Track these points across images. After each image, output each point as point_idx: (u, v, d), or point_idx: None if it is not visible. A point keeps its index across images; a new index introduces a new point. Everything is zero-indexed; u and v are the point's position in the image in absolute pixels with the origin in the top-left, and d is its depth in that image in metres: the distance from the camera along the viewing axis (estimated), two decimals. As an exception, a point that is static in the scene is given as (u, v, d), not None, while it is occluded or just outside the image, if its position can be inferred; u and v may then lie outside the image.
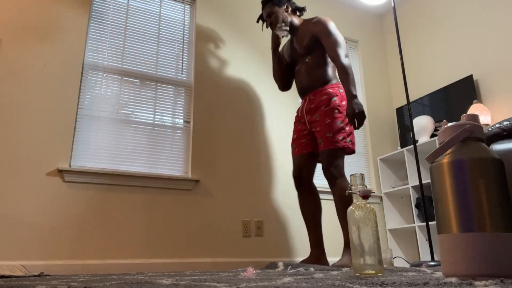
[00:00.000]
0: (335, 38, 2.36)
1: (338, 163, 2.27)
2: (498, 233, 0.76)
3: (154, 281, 0.84)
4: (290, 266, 1.49)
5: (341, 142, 2.28)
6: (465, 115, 0.89)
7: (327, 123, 2.31)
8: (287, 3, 2.62)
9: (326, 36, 2.38)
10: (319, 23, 2.45)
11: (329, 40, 2.36)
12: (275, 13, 2.57)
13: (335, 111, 2.32)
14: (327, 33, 2.39)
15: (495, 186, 0.79)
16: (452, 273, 0.78)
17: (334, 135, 2.28)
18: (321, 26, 2.43)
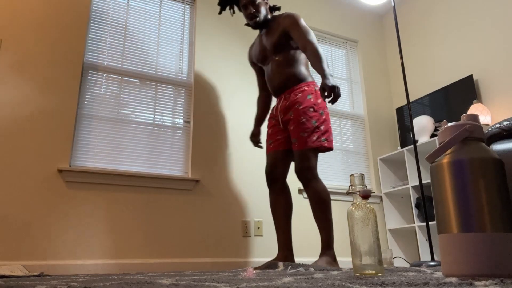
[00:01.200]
0: (305, 29, 2.31)
1: (311, 164, 2.20)
2: (498, 233, 0.76)
3: (154, 281, 0.84)
4: (290, 266, 1.49)
5: (315, 142, 2.21)
6: (465, 115, 0.89)
7: (301, 122, 2.24)
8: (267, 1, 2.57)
9: (296, 28, 2.33)
10: (288, 17, 2.39)
11: (299, 31, 2.31)
12: (259, 4, 2.48)
13: (310, 109, 2.25)
14: (296, 25, 2.34)
15: (495, 186, 0.79)
16: (452, 273, 0.78)
17: (309, 135, 2.21)
18: (290, 20, 2.37)
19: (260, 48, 2.54)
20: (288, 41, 2.41)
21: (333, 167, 3.56)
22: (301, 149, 2.21)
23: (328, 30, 3.93)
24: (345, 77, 3.96)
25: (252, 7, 2.48)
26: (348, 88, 3.94)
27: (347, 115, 3.81)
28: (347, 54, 4.06)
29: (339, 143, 3.67)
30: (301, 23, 2.35)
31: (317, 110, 2.27)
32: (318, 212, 2.18)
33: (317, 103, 2.28)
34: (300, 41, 2.29)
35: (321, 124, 2.25)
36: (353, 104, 3.90)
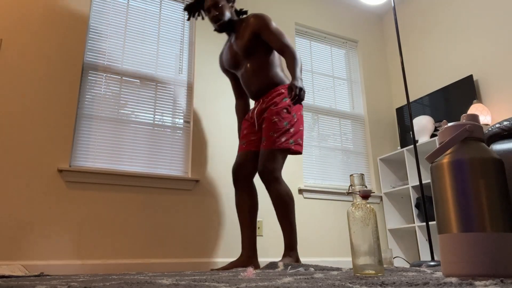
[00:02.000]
0: (278, 31, 2.26)
1: (275, 165, 2.15)
2: (498, 233, 0.76)
3: (154, 281, 0.84)
4: (290, 266, 1.49)
5: (283, 143, 2.16)
6: (465, 115, 0.89)
7: (273, 122, 2.20)
8: (233, 2, 2.48)
9: (268, 30, 2.26)
10: (257, 18, 2.30)
11: (273, 34, 2.25)
12: (223, 6, 2.38)
13: (284, 111, 2.22)
14: (268, 27, 2.27)
15: (495, 186, 0.79)
16: (452, 273, 0.78)
17: (278, 136, 2.17)
18: (260, 21, 2.29)
19: (230, 54, 2.45)
20: (259, 44, 2.34)
21: (333, 167, 3.56)
22: (267, 148, 2.17)
23: (328, 30, 3.93)
24: (345, 77, 3.96)
25: (214, 10, 2.39)
26: (348, 88, 3.94)
27: (347, 115, 3.81)
28: (347, 54, 4.06)
29: (339, 143, 3.67)
30: (272, 25, 2.29)
31: (290, 112, 2.23)
32: (280, 215, 2.16)
33: (291, 106, 2.25)
34: (277, 44, 2.24)
35: (291, 126, 2.21)
36: (353, 104, 3.90)
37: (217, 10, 2.38)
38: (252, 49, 2.34)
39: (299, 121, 2.25)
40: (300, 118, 2.27)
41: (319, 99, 3.71)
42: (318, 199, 3.29)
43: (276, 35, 2.24)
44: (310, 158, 3.46)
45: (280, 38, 2.24)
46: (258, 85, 2.34)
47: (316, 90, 3.73)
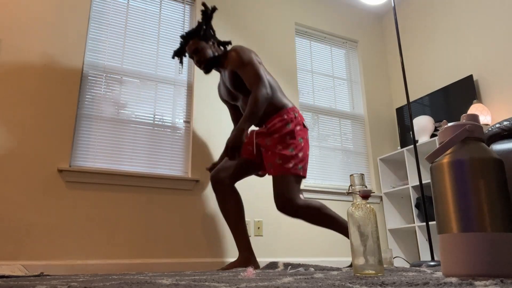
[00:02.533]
0: (249, 69, 2.16)
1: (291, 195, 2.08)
2: (498, 233, 0.75)
3: (154, 281, 0.84)
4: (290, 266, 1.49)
5: (291, 169, 2.11)
6: (465, 115, 0.89)
7: (278, 149, 2.15)
8: (212, 39, 2.40)
9: (241, 68, 2.19)
10: (231, 56, 2.24)
11: (244, 73, 2.17)
12: (203, 49, 2.33)
13: (287, 137, 2.17)
14: (240, 64, 2.19)
15: (495, 186, 0.79)
16: (452, 273, 0.78)
17: (284, 162, 2.12)
18: (232, 59, 2.22)
19: (225, 88, 2.42)
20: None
21: (333, 167, 3.56)
22: (278, 173, 2.12)
23: (328, 30, 3.93)
24: (345, 77, 3.96)
25: (196, 56, 2.35)
26: (348, 88, 3.94)
27: (347, 115, 3.81)
28: (347, 54, 4.06)
29: (339, 143, 3.67)
30: (244, 60, 2.18)
31: (296, 137, 2.18)
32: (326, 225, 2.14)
33: (296, 130, 2.19)
34: (248, 83, 2.16)
35: (299, 151, 2.16)
36: (353, 104, 3.90)
37: (198, 56, 2.34)
38: (240, 84, 2.27)
39: (305, 145, 2.20)
40: (306, 142, 2.22)
41: (319, 99, 3.71)
42: (318, 199, 3.29)
43: (248, 76, 2.15)
44: (310, 158, 3.46)
45: (250, 79, 2.15)
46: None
47: (316, 90, 3.73)
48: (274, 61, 3.49)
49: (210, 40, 2.37)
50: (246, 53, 2.22)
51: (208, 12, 2.36)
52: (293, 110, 2.27)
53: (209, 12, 2.35)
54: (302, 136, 2.20)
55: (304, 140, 2.21)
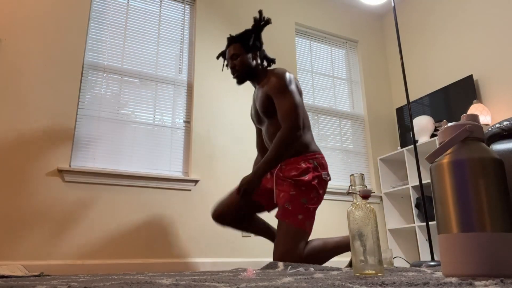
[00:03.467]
0: (287, 100, 1.92)
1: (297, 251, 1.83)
2: (498, 233, 0.75)
3: (154, 281, 0.84)
4: (290, 266, 1.49)
5: (299, 222, 1.86)
6: (465, 115, 0.89)
7: (291, 194, 1.90)
8: (258, 51, 2.15)
9: (278, 97, 1.95)
10: (271, 81, 2.00)
11: (280, 102, 1.93)
12: (241, 57, 2.10)
13: (302, 188, 1.91)
14: (279, 92, 1.95)
15: (495, 186, 0.79)
16: (452, 273, 0.78)
17: (294, 212, 1.87)
18: (273, 84, 1.98)
19: (254, 108, 2.21)
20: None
21: (333, 167, 3.56)
22: (283, 220, 1.87)
23: (328, 30, 3.93)
24: (345, 77, 3.96)
25: (232, 61, 2.13)
26: (348, 88, 3.94)
27: (347, 115, 3.81)
28: (347, 54, 4.06)
29: (339, 143, 3.67)
30: (285, 89, 1.94)
31: (311, 189, 1.91)
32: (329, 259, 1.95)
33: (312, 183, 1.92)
34: (279, 115, 1.93)
35: (311, 205, 1.91)
36: (353, 104, 3.90)
37: (234, 62, 2.12)
38: (270, 109, 2.02)
39: (318, 201, 1.95)
40: (320, 198, 1.96)
41: (319, 99, 3.72)
42: (318, 199, 3.29)
43: (282, 107, 1.92)
44: (310, 158, 3.46)
45: (286, 109, 1.91)
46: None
47: (316, 90, 3.73)
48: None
49: (255, 52, 2.13)
50: (289, 80, 1.98)
51: (261, 22, 2.11)
52: (312, 157, 1.98)
53: (262, 23, 2.11)
54: (317, 191, 1.93)
55: (319, 195, 1.94)
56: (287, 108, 1.91)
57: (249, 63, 2.11)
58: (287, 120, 1.89)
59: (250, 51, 2.12)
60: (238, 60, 2.10)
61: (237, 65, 2.11)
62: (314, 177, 1.93)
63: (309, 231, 1.89)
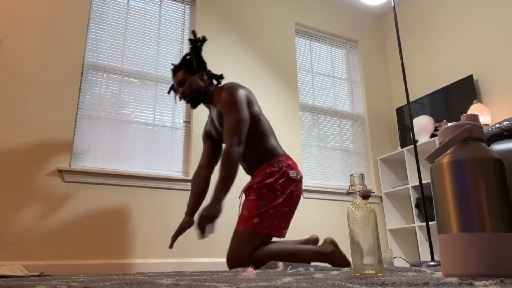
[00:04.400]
0: (232, 118, 1.88)
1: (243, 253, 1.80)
2: (498, 233, 0.75)
3: (154, 281, 0.84)
4: (290, 266, 1.49)
5: (254, 224, 1.84)
6: (465, 115, 0.89)
7: (250, 199, 1.91)
8: (203, 71, 2.11)
9: (225, 114, 1.92)
10: (221, 97, 1.97)
11: (227, 119, 1.90)
12: (188, 82, 2.06)
13: (264, 190, 1.90)
14: (225, 108, 1.92)
15: (495, 186, 0.79)
16: (452, 273, 0.78)
17: (251, 216, 1.86)
18: (221, 101, 1.96)
19: (214, 128, 2.14)
20: None
21: (333, 167, 3.56)
22: (237, 228, 1.88)
23: (328, 30, 3.93)
24: (345, 77, 3.96)
25: (180, 87, 2.09)
26: (348, 88, 3.94)
27: (347, 115, 3.81)
28: (347, 54, 4.06)
29: (339, 143, 3.67)
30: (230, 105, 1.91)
31: (273, 191, 1.89)
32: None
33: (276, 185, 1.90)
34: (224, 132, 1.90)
35: (271, 208, 1.87)
36: (353, 104, 3.90)
37: (183, 88, 2.08)
38: None
39: (284, 201, 1.90)
40: (288, 198, 1.91)
41: (319, 99, 3.72)
42: (318, 199, 3.29)
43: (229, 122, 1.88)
44: (310, 158, 3.46)
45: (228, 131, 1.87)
46: (249, 161, 2.03)
47: (316, 90, 3.73)
48: (274, 61, 3.49)
49: (200, 72, 2.10)
50: (238, 96, 1.94)
51: (197, 42, 2.09)
52: (277, 161, 1.98)
53: (198, 44, 2.09)
54: (282, 191, 1.91)
55: (286, 194, 1.91)
56: (230, 125, 1.88)
57: (198, 84, 2.08)
58: (228, 138, 1.87)
59: (196, 73, 2.08)
60: (186, 85, 2.07)
61: (186, 90, 2.07)
62: (277, 178, 1.92)
63: (268, 232, 1.85)
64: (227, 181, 1.82)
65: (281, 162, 1.98)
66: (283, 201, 1.90)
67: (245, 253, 1.81)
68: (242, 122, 1.89)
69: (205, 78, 2.12)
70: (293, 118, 3.41)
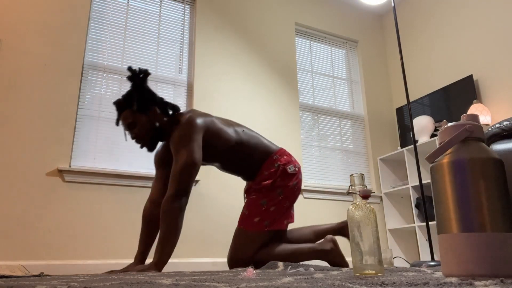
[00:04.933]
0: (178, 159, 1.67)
1: (244, 254, 1.78)
2: (498, 233, 0.75)
3: (154, 281, 0.84)
4: (290, 266, 1.49)
5: (255, 224, 1.81)
6: (465, 115, 0.89)
7: (251, 198, 1.87)
8: (154, 105, 1.81)
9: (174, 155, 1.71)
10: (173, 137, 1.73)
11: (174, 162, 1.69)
12: (139, 124, 1.78)
13: (263, 189, 1.86)
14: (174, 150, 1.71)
15: (495, 186, 0.79)
16: (452, 273, 0.78)
17: (252, 215, 1.83)
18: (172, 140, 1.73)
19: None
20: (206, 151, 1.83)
21: (333, 167, 3.56)
22: (239, 226, 1.84)
23: (328, 30, 3.93)
24: (345, 77, 3.96)
25: (131, 131, 1.81)
26: (348, 88, 3.94)
27: (347, 115, 3.81)
28: (347, 54, 4.06)
29: (339, 143, 3.67)
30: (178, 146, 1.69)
31: (274, 189, 1.84)
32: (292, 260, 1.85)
33: (275, 183, 1.85)
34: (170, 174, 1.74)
35: (272, 205, 1.83)
36: (353, 104, 3.90)
37: (134, 131, 1.80)
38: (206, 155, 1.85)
39: (285, 197, 1.87)
40: (289, 193, 1.88)
41: (319, 99, 3.72)
42: (318, 199, 3.29)
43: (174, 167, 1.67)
44: (310, 158, 3.46)
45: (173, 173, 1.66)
46: (246, 174, 1.94)
47: (316, 90, 3.73)
48: (274, 61, 3.49)
49: (151, 108, 1.80)
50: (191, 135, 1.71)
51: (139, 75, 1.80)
52: (273, 161, 1.90)
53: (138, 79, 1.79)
54: (282, 188, 1.86)
55: (286, 191, 1.87)
56: (175, 170, 1.66)
57: (151, 124, 1.79)
58: (170, 186, 1.66)
59: (145, 111, 1.79)
60: (137, 128, 1.78)
61: (138, 134, 1.79)
62: (278, 176, 1.86)
63: (270, 229, 1.82)
64: (167, 240, 1.59)
65: (276, 161, 1.90)
66: (284, 197, 1.87)
67: (247, 253, 1.79)
68: (190, 168, 1.66)
69: (158, 112, 1.81)
70: (293, 118, 3.41)
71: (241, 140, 1.89)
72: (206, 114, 1.85)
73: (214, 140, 1.82)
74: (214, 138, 1.81)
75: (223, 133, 1.84)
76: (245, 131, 1.94)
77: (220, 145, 1.83)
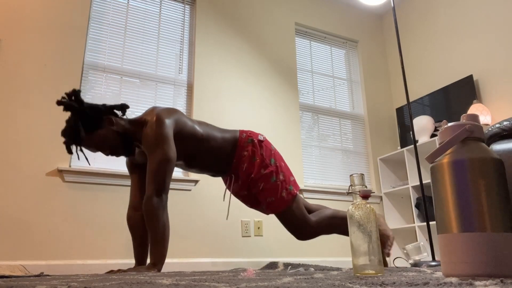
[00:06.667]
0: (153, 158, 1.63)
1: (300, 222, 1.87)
2: (498, 233, 0.75)
3: (154, 281, 0.84)
4: (290, 266, 1.49)
5: (285, 198, 1.86)
6: (465, 115, 0.89)
7: (264, 188, 1.86)
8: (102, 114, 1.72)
9: (148, 154, 1.66)
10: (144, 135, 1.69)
11: (149, 161, 1.65)
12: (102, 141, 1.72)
13: (261, 170, 1.86)
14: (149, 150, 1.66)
15: (495, 186, 0.79)
16: (452, 273, 0.78)
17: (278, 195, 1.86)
18: (144, 139, 1.68)
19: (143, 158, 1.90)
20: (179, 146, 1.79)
21: (333, 167, 3.56)
22: (278, 211, 1.88)
23: (328, 30, 3.93)
24: (345, 77, 3.96)
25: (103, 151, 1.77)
26: (348, 88, 3.94)
27: (347, 115, 3.81)
28: (347, 54, 4.06)
29: (339, 143, 3.67)
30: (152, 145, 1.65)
31: (268, 164, 1.88)
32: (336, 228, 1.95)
33: (263, 156, 1.89)
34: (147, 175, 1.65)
35: (279, 173, 1.88)
36: (353, 104, 3.90)
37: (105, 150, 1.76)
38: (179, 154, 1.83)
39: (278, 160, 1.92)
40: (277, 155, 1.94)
41: (319, 99, 3.72)
42: (318, 199, 3.29)
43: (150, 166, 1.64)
44: (310, 158, 3.46)
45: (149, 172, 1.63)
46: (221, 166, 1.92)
47: (316, 90, 3.73)
48: (274, 61, 3.49)
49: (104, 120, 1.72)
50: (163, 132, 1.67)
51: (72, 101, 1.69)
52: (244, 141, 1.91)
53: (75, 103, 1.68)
54: (272, 157, 1.91)
55: (277, 158, 1.93)
56: (151, 168, 1.63)
57: (113, 134, 1.73)
58: (148, 185, 1.62)
59: (99, 127, 1.71)
60: (104, 145, 1.73)
61: (106, 148, 1.75)
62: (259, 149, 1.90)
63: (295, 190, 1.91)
64: (158, 240, 1.57)
65: (246, 138, 1.92)
66: (277, 160, 1.92)
67: (304, 222, 1.89)
68: (166, 165, 1.63)
69: (113, 119, 1.73)
70: (293, 118, 3.41)
71: (207, 132, 1.87)
72: (171, 110, 1.80)
73: (184, 134, 1.79)
74: (184, 133, 1.79)
75: (190, 127, 1.82)
76: (203, 122, 1.93)
77: (189, 138, 1.80)
